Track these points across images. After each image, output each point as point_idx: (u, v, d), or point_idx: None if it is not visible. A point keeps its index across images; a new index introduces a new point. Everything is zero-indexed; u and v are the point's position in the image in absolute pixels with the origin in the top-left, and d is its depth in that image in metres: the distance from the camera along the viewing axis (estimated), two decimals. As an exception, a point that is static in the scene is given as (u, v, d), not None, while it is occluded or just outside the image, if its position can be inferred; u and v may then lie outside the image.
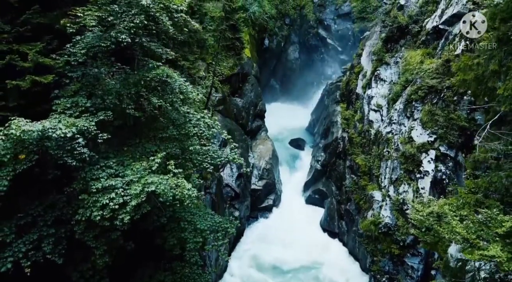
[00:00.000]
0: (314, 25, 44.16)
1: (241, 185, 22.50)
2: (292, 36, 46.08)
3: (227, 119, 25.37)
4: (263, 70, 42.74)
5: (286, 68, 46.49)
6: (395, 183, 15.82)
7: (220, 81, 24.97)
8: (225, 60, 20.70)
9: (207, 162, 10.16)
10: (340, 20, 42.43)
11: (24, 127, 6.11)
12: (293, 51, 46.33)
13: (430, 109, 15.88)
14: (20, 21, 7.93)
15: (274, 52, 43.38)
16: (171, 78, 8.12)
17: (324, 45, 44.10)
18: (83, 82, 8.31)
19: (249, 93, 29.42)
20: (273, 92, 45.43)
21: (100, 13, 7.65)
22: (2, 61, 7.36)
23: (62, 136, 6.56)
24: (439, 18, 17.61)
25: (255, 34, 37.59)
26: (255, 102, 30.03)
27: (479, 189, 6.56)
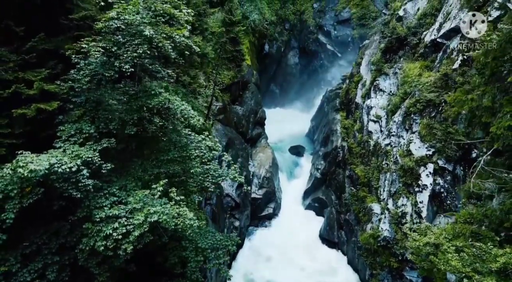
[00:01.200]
0: (314, 30, 44.33)
1: (241, 195, 22.64)
2: (292, 41, 46.30)
3: (227, 128, 25.53)
4: (263, 75, 42.99)
5: (286, 73, 46.68)
6: (394, 196, 15.96)
7: (220, 90, 25.16)
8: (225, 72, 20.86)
9: (208, 181, 10.32)
10: (340, 26, 42.58)
11: (31, 166, 6.28)
12: (293, 56, 46.55)
13: (428, 123, 16.03)
14: (25, 48, 8.10)
15: (274, 57, 43.60)
16: (173, 104, 8.28)
17: (324, 51, 44.25)
18: (87, 107, 8.48)
19: (249, 101, 29.60)
20: (273, 97, 45.63)
21: (105, 44, 7.82)
22: (9, 90, 7.53)
23: (68, 170, 6.73)
24: (437, 31, 17.79)
25: (255, 41, 37.84)
26: (255, 110, 30.20)
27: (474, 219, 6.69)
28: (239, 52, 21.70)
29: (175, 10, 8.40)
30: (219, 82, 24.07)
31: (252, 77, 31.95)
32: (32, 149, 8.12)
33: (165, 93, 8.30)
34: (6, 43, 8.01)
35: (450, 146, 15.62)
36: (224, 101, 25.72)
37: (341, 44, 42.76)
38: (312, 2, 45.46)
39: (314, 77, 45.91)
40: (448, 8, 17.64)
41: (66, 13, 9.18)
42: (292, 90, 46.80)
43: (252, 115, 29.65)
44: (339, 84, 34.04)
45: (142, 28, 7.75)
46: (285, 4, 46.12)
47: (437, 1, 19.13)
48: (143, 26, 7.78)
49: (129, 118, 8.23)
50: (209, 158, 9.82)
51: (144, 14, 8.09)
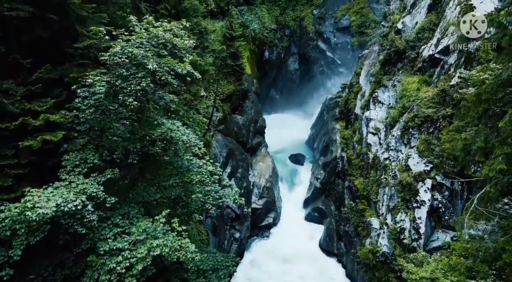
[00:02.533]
0: (313, 37, 44.49)
1: (242, 206, 22.82)
2: (292, 47, 46.49)
3: (228, 138, 25.73)
4: (263, 81, 43.23)
5: (286, 79, 46.86)
6: (393, 211, 16.14)
7: (220, 100, 25.39)
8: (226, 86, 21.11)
9: (209, 203, 10.51)
10: (339, 33, 42.76)
11: (40, 210, 6.47)
12: (292, 62, 46.74)
13: (426, 138, 16.24)
14: (32, 79, 8.31)
15: (274, 63, 43.83)
16: (175, 134, 8.48)
17: (323, 58, 44.42)
18: (91, 134, 8.69)
19: (250, 110, 29.80)
20: (273, 103, 45.84)
21: (109, 78, 8.02)
22: (16, 123, 7.74)
23: (74, 209, 6.94)
24: (435, 47, 18.00)
25: (255, 48, 38.09)
26: (255, 119, 30.40)
27: (469, 253, 6.85)
28: (239, 66, 21.93)
29: (178, 38, 8.61)
30: (219, 92, 24.32)
31: (252, 86, 32.17)
32: (38, 179, 8.34)
33: (167, 123, 8.50)
34: (13, 75, 8.22)
35: (448, 162, 15.85)
36: (225, 111, 25.94)
37: (340, 51, 42.95)
38: (312, 8, 45.65)
39: (314, 84, 46.07)
40: (445, 24, 17.86)
41: (71, 41, 9.40)
42: (292, 96, 46.98)
43: (252, 125, 29.86)
44: (338, 93, 34.21)
45: (146, 61, 7.96)
46: (285, 11, 46.34)
47: (434, 16, 19.35)
48: (147, 59, 8.00)
49: (132, 147, 8.44)
50: (210, 183, 10.03)
51: (147, 45, 8.31)
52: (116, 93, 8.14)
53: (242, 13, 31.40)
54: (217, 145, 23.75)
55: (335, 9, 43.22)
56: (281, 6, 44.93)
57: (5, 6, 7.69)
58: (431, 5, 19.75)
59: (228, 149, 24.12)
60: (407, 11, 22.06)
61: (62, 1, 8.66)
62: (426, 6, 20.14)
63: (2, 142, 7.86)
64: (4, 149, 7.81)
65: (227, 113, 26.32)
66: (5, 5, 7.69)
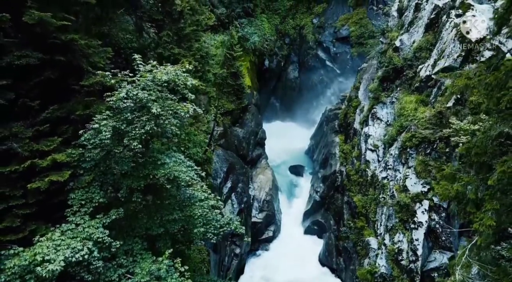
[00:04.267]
0: (313, 46, 44.78)
1: (242, 220, 22.98)
2: (292, 56, 46.79)
3: (228, 152, 26.00)
4: (263, 89, 43.53)
5: (286, 87, 47.16)
6: (391, 231, 16.41)
7: (221, 114, 25.69)
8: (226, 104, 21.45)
9: (211, 232, 10.78)
10: (338, 43, 43.07)
11: (50, 267, 6.75)
12: (292, 70, 47.03)
13: (423, 160, 16.52)
14: (39, 119, 8.60)
15: (274, 72, 44.14)
16: (179, 174, 8.77)
17: (323, 67, 44.70)
18: (96, 172, 8.97)
19: (250, 123, 30.09)
20: (273, 110, 46.14)
21: (115, 122, 8.32)
22: (24, 165, 8.03)
23: (81, 259, 7.22)
24: (432, 67, 18.31)
25: (255, 59, 38.43)
26: (255, 131, 30.68)
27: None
28: (240, 86, 22.27)
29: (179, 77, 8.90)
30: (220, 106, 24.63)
31: (252, 98, 32.47)
32: (44, 217, 8.62)
33: (170, 162, 8.79)
34: (22, 117, 8.52)
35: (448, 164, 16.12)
36: (225, 125, 26.23)
37: (340, 61, 43.25)
38: (312, 17, 45.97)
39: (313, 92, 46.33)
40: (442, 45, 18.18)
41: (77, 77, 9.70)
42: (292, 104, 47.23)
43: (253, 137, 30.13)
44: (338, 104, 34.50)
45: (150, 105, 8.26)
46: (285, 19, 46.67)
47: (431, 36, 19.67)
48: (151, 103, 8.30)
49: (136, 185, 8.73)
50: (211, 217, 10.30)
51: (151, 85, 8.60)
52: (121, 136, 8.43)
53: (243, 26, 31.78)
54: (218, 159, 24.02)
55: (335, 18, 43.51)
56: (281, 15, 45.25)
57: (15, 54, 8.00)
58: (428, 25, 20.07)
59: (228, 164, 24.39)
60: (405, 29, 22.39)
61: (69, 42, 8.96)
62: (424, 26, 20.46)
63: (11, 183, 8.15)
64: (13, 190, 8.10)
65: (227, 126, 26.61)
66: (15, 53, 8.00)
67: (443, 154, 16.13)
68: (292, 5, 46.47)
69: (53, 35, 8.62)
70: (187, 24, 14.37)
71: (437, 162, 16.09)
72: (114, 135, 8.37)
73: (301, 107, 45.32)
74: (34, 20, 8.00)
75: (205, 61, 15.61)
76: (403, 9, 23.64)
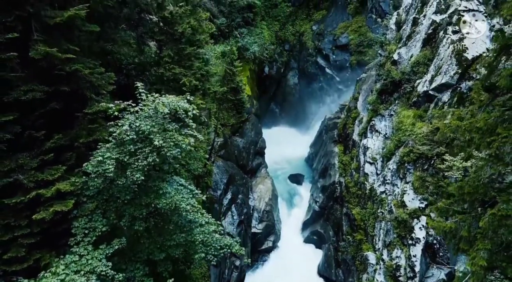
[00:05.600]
0: (313, 53, 45.01)
1: (242, 232, 23.27)
2: (292, 62, 47.03)
3: (228, 163, 26.20)
4: (263, 96, 43.78)
5: (286, 93, 47.40)
6: (389, 246, 16.60)
7: (221, 125, 25.92)
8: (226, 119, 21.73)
9: (211, 254, 10.98)
10: (338, 50, 43.29)
11: None
12: (292, 76, 47.27)
13: (421, 176, 16.72)
14: (44, 149, 8.82)
15: (274, 78, 44.39)
16: (179, 203, 8.98)
17: (323, 74, 44.91)
18: (99, 199, 9.19)
19: (250, 133, 30.30)
20: (273, 116, 46.37)
21: (118, 154, 8.54)
22: (29, 196, 8.25)
23: None
24: (429, 83, 18.54)
25: (255, 67, 38.69)
26: (255, 141, 30.89)
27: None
28: (240, 101, 22.54)
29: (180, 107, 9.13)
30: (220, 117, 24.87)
31: (253, 107, 32.70)
32: (48, 245, 8.84)
33: (172, 192, 9.00)
34: (27, 148, 8.74)
35: (442, 199, 16.33)
36: (225, 136, 26.45)
37: (339, 69, 43.46)
38: (311, 24, 46.21)
39: (313, 99, 46.53)
40: (439, 61, 18.41)
41: (81, 105, 9.93)
42: (291, 110, 47.44)
43: (252, 147, 30.34)
44: (337, 113, 34.71)
45: (152, 137, 8.48)
46: (284, 26, 46.95)
47: (429, 51, 19.90)
48: (153, 135, 8.52)
49: (138, 213, 8.95)
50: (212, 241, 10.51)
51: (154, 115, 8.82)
52: (124, 168, 8.66)
53: (243, 36, 32.07)
54: (218, 171, 24.23)
55: (334, 26, 43.74)
56: (280, 21, 45.52)
57: (22, 89, 8.23)
58: (426, 40, 20.30)
59: (228, 175, 24.59)
60: (403, 43, 22.63)
61: (73, 72, 9.19)
62: (421, 40, 20.70)
63: (16, 213, 8.36)
64: (18, 220, 8.31)
65: (227, 137, 26.82)
66: (22, 88, 8.23)
67: (440, 170, 16.32)
68: (291, 11, 46.74)
69: (58, 67, 8.86)
70: (188, 44, 14.61)
71: (434, 178, 16.29)
72: (117, 167, 8.59)
73: (300, 114, 45.55)
74: (40, 55, 8.24)
75: (205, 79, 15.83)
76: (401, 23, 23.90)
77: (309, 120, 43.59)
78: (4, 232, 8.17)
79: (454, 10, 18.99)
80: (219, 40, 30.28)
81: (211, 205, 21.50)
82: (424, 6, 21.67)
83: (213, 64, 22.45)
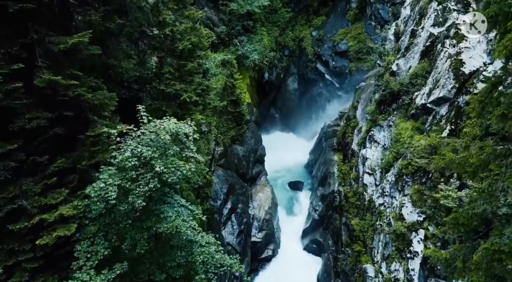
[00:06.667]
0: (312, 59, 45.21)
1: (242, 241, 23.43)
2: (292, 67, 47.24)
3: (228, 172, 26.35)
4: (263, 101, 43.99)
5: (286, 98, 47.61)
6: (387, 259, 16.76)
7: (221, 133, 26.08)
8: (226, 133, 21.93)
9: (211, 272, 11.15)
10: (337, 57, 43.50)
11: None
12: (292, 82, 47.50)
13: (419, 189, 16.89)
14: (48, 173, 8.99)
15: (274, 83, 44.59)
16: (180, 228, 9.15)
17: (322, 80, 45.09)
18: (101, 221, 9.35)
19: (249, 141, 30.46)
20: (273, 121, 46.57)
21: (120, 180, 8.72)
22: (33, 221, 8.42)
23: None
24: (427, 96, 18.71)
25: (255, 74, 38.90)
26: (255, 149, 31.05)
27: None
28: (240, 113, 22.74)
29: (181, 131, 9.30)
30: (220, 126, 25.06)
31: (252, 115, 32.89)
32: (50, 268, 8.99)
33: (173, 216, 9.17)
34: (31, 173, 8.91)
35: (440, 213, 16.50)
36: (225, 144, 26.60)
37: (339, 75, 43.65)
38: (311, 29, 46.42)
39: (313, 105, 46.73)
40: (437, 74, 18.60)
41: (83, 127, 10.09)
42: (291, 115, 47.63)
43: (252, 155, 30.49)
44: (336, 120, 34.89)
45: (154, 162, 8.66)
46: (284, 31, 47.16)
47: (427, 63, 20.09)
48: (154, 160, 8.70)
49: (139, 236, 9.12)
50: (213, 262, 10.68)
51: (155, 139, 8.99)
52: (126, 194, 8.83)
53: (243, 44, 32.30)
54: (218, 181, 24.38)
55: (334, 32, 43.94)
56: (280, 27, 45.73)
57: (26, 117, 8.40)
58: (424, 52, 20.49)
59: (228, 185, 24.75)
60: (402, 54, 22.83)
61: (76, 97, 9.37)
62: (419, 52, 20.90)
63: (20, 238, 8.52)
64: (22, 244, 8.47)
65: (227, 145, 26.98)
66: (26, 117, 8.40)
67: (438, 184, 16.48)
68: (291, 17, 46.94)
69: (61, 92, 9.03)
70: (189, 61, 14.80)
71: (432, 191, 16.46)
72: (119, 193, 8.76)
73: (300, 119, 45.75)
74: (44, 82, 8.41)
75: (205, 93, 16.01)
76: (399, 34, 24.10)
77: (309, 125, 43.77)
78: (9, 257, 8.33)
79: (451, 24, 19.20)
80: (219, 48, 30.51)
81: (211, 215, 21.65)
82: (422, 18, 21.88)
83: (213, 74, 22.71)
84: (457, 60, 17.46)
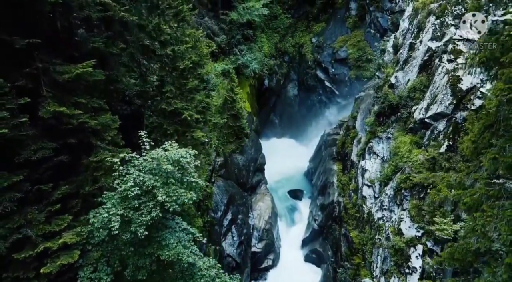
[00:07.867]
0: (312, 66, 45.40)
1: (242, 252, 23.59)
2: (291, 74, 47.47)
3: (228, 182, 26.53)
4: (263, 107, 44.21)
5: (285, 104, 47.82)
6: (386, 274, 16.93)
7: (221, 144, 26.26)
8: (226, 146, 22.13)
9: (212, 293, 11.33)
10: (337, 64, 43.69)
11: None
12: (292, 88, 47.72)
13: (417, 204, 17.06)
14: (52, 200, 9.18)
15: (273, 90, 44.82)
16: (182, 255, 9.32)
17: (322, 87, 45.25)
18: (103, 246, 9.53)
19: (250, 150, 30.64)
20: (273, 127, 46.77)
21: (123, 210, 8.90)
22: (37, 250, 8.60)
23: None
24: (425, 111, 18.90)
25: (255, 82, 39.12)
26: (255, 158, 31.23)
27: None
28: (240, 127, 22.93)
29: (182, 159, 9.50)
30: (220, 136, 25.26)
31: (253, 124, 33.08)
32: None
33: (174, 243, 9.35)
34: (35, 201, 9.10)
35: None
36: (225, 154, 26.78)
37: (338, 82, 43.79)
38: (311, 36, 46.63)
39: (313, 111, 46.87)
40: (435, 90, 18.79)
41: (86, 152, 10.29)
42: (291, 121, 47.82)
43: (252, 164, 30.68)
44: (336, 128, 35.06)
45: (156, 192, 8.85)
46: (284, 37, 47.40)
47: (425, 77, 20.28)
48: (156, 189, 8.88)
49: (141, 263, 9.30)
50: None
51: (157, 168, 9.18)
52: (128, 223, 9.01)
53: (243, 53, 32.54)
54: (218, 191, 24.56)
55: (333, 39, 44.14)
56: (280, 33, 45.95)
57: (32, 148, 8.59)
58: (422, 66, 20.69)
59: (229, 195, 24.93)
60: (400, 66, 23.03)
61: (80, 124, 9.56)
62: (417, 66, 21.09)
63: (24, 266, 8.70)
64: (26, 272, 8.65)
65: (227, 155, 27.16)
66: (32, 148, 8.59)
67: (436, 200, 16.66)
68: (291, 23, 47.16)
69: (65, 121, 9.22)
70: (190, 80, 15.01)
71: (430, 207, 16.63)
72: (122, 222, 8.94)
73: (300, 125, 45.93)
74: (50, 114, 8.61)
75: (206, 111, 16.21)
76: (398, 46, 24.32)
77: (309, 132, 43.93)
78: (14, 284, 8.51)
79: (449, 39, 19.39)
80: (219, 58, 30.73)
81: (211, 227, 21.83)
82: (421, 32, 22.09)
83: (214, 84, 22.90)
84: (454, 77, 17.65)
